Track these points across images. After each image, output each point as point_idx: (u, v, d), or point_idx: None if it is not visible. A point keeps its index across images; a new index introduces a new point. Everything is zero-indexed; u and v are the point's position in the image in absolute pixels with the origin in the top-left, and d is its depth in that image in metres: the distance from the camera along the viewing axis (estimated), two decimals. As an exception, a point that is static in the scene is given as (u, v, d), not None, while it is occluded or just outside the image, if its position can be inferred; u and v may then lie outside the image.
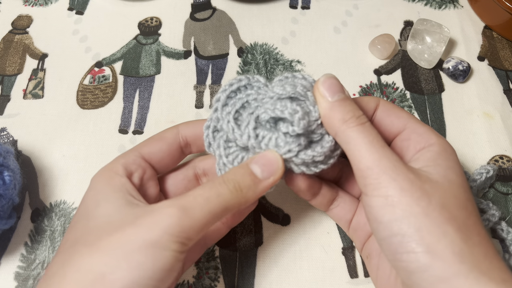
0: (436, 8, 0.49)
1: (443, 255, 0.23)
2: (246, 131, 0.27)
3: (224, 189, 0.25)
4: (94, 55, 0.45)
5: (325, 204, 0.32)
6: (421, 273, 0.23)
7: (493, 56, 0.45)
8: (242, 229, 0.35)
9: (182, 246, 0.24)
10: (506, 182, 0.38)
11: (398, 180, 0.24)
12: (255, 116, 0.27)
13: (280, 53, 0.45)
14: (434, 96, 0.43)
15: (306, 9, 0.49)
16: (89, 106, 0.42)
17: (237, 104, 0.28)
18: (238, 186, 0.26)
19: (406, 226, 0.24)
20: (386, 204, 0.24)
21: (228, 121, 0.28)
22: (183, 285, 0.33)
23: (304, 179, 0.29)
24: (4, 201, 0.31)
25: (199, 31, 0.47)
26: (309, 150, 0.27)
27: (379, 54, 0.44)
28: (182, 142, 0.31)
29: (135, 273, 0.22)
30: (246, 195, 0.26)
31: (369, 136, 0.26)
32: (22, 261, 0.34)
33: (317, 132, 0.28)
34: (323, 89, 0.27)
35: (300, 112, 0.26)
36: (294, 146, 0.27)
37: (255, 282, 0.33)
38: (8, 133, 0.40)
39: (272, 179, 0.27)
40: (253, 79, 0.29)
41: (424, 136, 0.28)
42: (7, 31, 0.47)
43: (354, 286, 0.33)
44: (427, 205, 0.24)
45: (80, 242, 0.24)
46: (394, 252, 0.24)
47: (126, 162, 0.28)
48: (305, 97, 0.27)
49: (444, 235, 0.23)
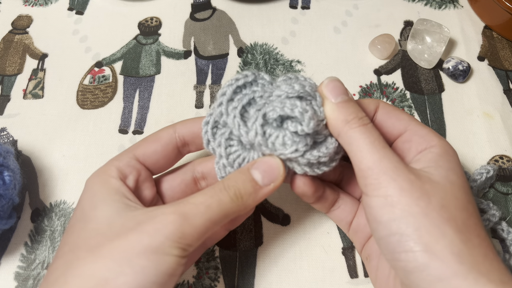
0: (436, 8, 0.49)
1: (442, 255, 0.23)
2: (254, 127, 0.27)
3: (225, 197, 0.25)
4: (94, 55, 0.45)
5: (326, 207, 0.32)
6: (419, 273, 0.23)
7: (493, 56, 0.45)
8: (242, 229, 0.35)
9: (183, 252, 0.24)
10: (506, 182, 0.38)
11: (398, 180, 0.24)
12: (263, 113, 0.27)
13: (280, 53, 0.45)
14: (434, 96, 0.43)
15: (306, 9, 0.49)
16: (89, 106, 0.42)
17: (244, 99, 0.28)
18: (239, 193, 0.26)
19: (405, 225, 0.24)
20: (386, 204, 0.24)
21: (234, 116, 0.27)
22: (183, 285, 0.33)
23: (309, 184, 0.29)
24: (4, 201, 0.31)
25: (199, 31, 0.47)
26: (315, 151, 0.27)
27: (379, 54, 0.44)
28: (179, 142, 0.31)
29: (138, 278, 0.23)
30: (246, 202, 0.26)
31: (370, 137, 0.26)
32: (22, 261, 0.34)
33: (321, 133, 0.28)
34: (326, 91, 0.27)
35: (310, 111, 0.26)
36: (301, 146, 0.26)
37: (255, 282, 0.33)
38: (8, 133, 0.40)
39: (272, 185, 0.27)
40: (259, 75, 0.29)
41: (426, 138, 0.28)
42: (7, 31, 0.47)
43: (354, 286, 0.33)
44: (426, 205, 0.24)
45: (81, 247, 0.24)
46: (392, 251, 0.24)
47: (120, 165, 0.28)
48: (313, 97, 0.27)
49: (443, 235, 0.23)
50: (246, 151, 0.28)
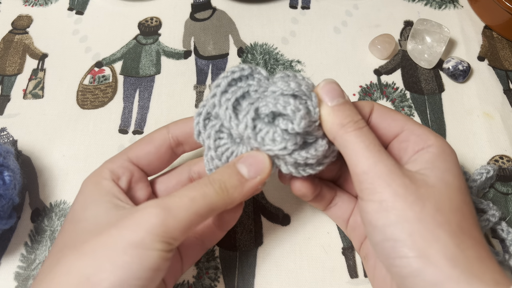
0: (436, 8, 0.49)
1: (435, 260, 0.23)
2: (244, 120, 0.27)
3: (210, 190, 0.25)
4: (94, 55, 0.45)
5: (323, 204, 0.32)
6: (413, 278, 0.23)
7: (493, 56, 0.45)
8: (242, 229, 0.35)
9: (167, 246, 0.23)
10: (506, 182, 0.38)
11: (393, 185, 0.24)
12: (255, 107, 0.27)
13: (280, 53, 0.45)
14: (434, 96, 0.43)
15: (306, 9, 0.49)
16: (89, 106, 0.42)
17: (238, 92, 0.27)
18: (224, 186, 0.25)
19: (399, 231, 0.24)
20: (381, 209, 0.24)
21: (226, 108, 0.27)
22: (183, 285, 0.33)
23: (308, 186, 0.30)
24: (4, 201, 0.31)
25: (199, 31, 0.47)
26: (303, 151, 0.27)
27: (379, 54, 0.44)
28: (172, 142, 0.31)
29: (120, 274, 0.22)
30: (232, 196, 0.26)
31: (366, 141, 0.26)
32: (22, 261, 0.34)
33: (313, 134, 0.27)
34: (323, 93, 0.27)
35: (302, 110, 0.26)
36: (290, 144, 0.26)
37: (255, 282, 0.33)
38: (8, 133, 0.40)
39: (259, 178, 0.26)
40: (255, 70, 0.28)
41: (423, 137, 0.27)
42: (7, 31, 0.47)
43: (354, 286, 0.33)
44: (420, 210, 0.24)
45: (68, 246, 0.25)
46: (387, 257, 0.24)
47: (113, 167, 0.29)
48: (308, 97, 0.27)
49: (437, 240, 0.23)
50: (235, 145, 0.28)
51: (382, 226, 0.24)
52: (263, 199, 0.37)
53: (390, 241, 0.24)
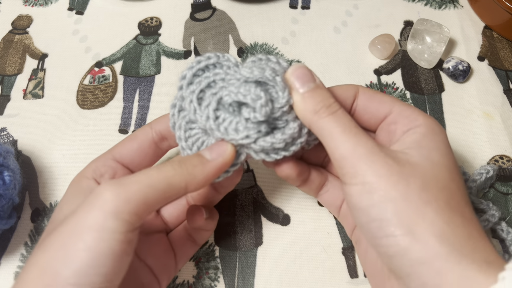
0: (436, 8, 0.49)
1: (423, 238, 0.22)
2: (206, 111, 0.26)
3: (166, 166, 0.24)
4: (94, 55, 0.45)
5: (314, 190, 0.32)
6: (401, 257, 0.23)
7: (493, 56, 0.45)
8: (242, 229, 0.35)
9: (126, 224, 0.22)
10: (506, 182, 0.38)
11: (374, 166, 0.24)
12: (218, 97, 0.26)
13: (280, 53, 0.45)
14: (434, 96, 0.43)
15: (306, 9, 0.49)
16: (89, 106, 0.42)
17: (203, 83, 0.27)
18: (184, 163, 0.25)
19: (384, 210, 0.23)
20: (364, 191, 0.24)
21: (190, 100, 0.27)
22: (183, 285, 0.33)
23: (293, 167, 0.29)
24: (4, 201, 0.31)
25: (199, 31, 0.47)
26: (269, 137, 0.26)
27: (379, 54, 0.44)
28: (156, 137, 0.30)
29: (78, 261, 0.21)
30: (193, 172, 0.25)
31: (341, 125, 0.25)
32: (22, 261, 0.34)
33: (282, 119, 0.27)
34: (293, 79, 0.26)
35: (263, 98, 0.25)
36: (253, 133, 0.26)
37: (255, 282, 0.33)
38: (8, 133, 0.40)
39: (221, 159, 0.26)
40: (223, 57, 0.28)
41: (411, 118, 0.27)
42: (7, 31, 0.47)
43: (354, 286, 0.33)
44: (405, 189, 0.23)
45: (38, 244, 0.25)
46: (374, 237, 0.24)
47: (96, 165, 0.29)
48: (273, 82, 0.26)
49: (423, 218, 0.23)
50: (205, 135, 0.28)
51: (366, 207, 0.24)
52: (263, 199, 0.37)
53: (376, 221, 0.24)
